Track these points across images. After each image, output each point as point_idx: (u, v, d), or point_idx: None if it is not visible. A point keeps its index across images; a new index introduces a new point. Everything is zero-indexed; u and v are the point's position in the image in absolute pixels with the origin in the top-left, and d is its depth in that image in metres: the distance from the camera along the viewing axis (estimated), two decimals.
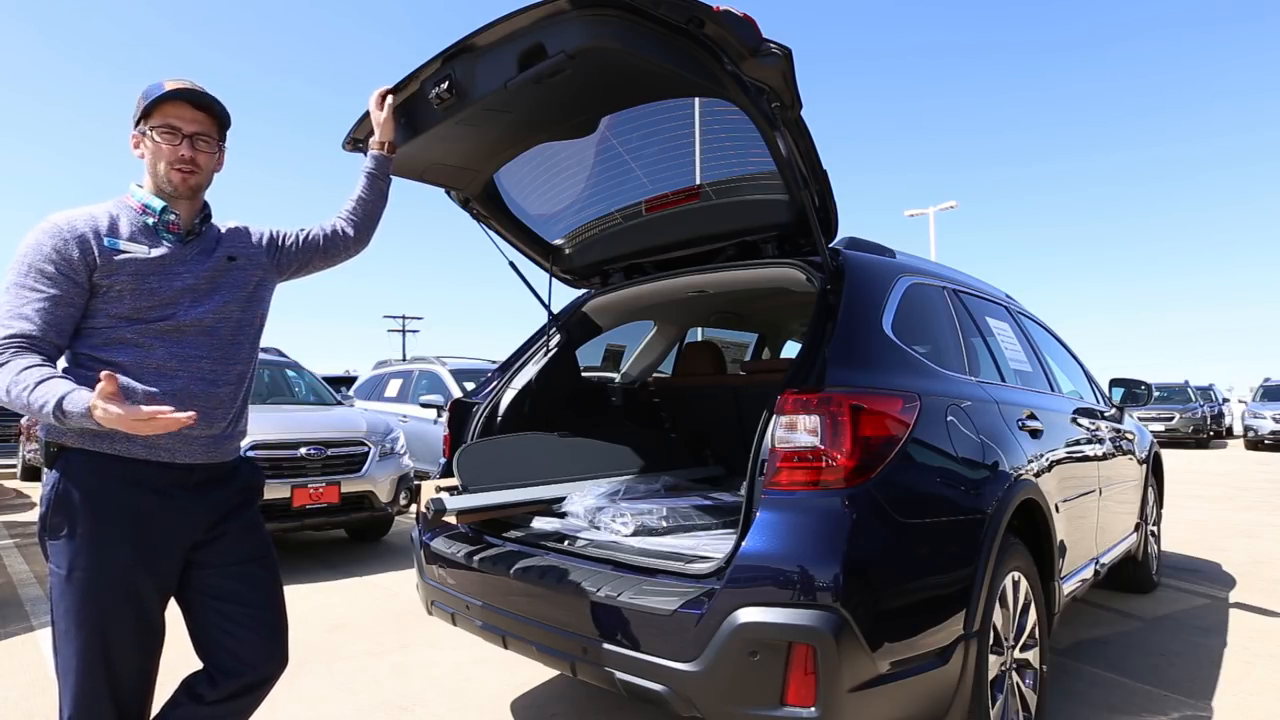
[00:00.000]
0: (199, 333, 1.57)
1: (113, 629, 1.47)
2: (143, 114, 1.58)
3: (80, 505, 1.45)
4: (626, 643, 1.76)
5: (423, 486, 2.53)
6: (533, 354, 3.04)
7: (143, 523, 1.49)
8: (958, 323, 2.58)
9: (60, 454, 1.47)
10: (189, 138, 1.58)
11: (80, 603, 1.45)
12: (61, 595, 1.46)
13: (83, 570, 1.45)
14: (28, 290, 1.44)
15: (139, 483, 1.48)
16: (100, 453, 1.46)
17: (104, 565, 1.46)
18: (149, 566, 1.51)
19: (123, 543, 1.47)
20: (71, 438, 1.46)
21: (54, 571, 1.47)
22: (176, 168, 1.58)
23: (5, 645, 3.45)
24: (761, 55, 1.69)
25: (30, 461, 10.35)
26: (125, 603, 1.48)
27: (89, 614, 1.45)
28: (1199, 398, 19.18)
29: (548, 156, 2.61)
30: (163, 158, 1.58)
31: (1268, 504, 8.05)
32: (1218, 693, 2.85)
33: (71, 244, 1.47)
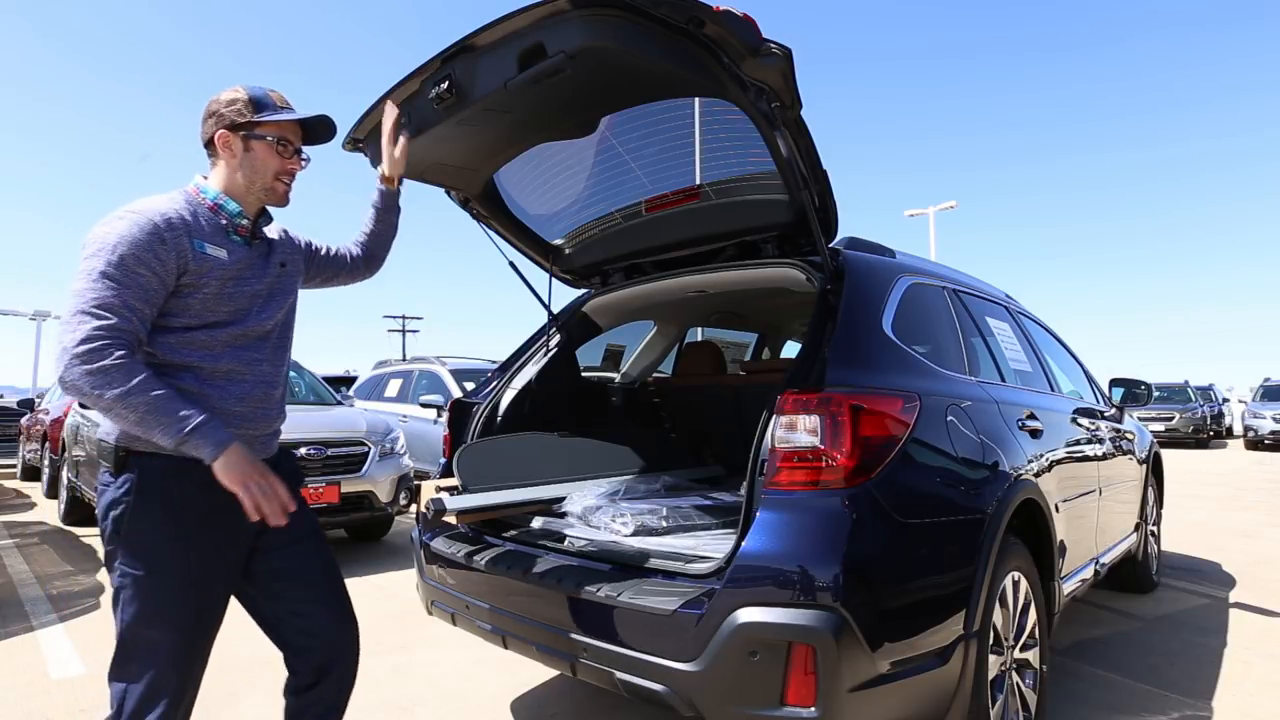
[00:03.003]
0: (259, 337, 1.62)
1: (192, 623, 1.52)
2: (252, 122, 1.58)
3: (159, 507, 1.48)
4: (626, 643, 1.76)
5: (423, 486, 2.53)
6: (533, 354, 3.04)
7: (215, 520, 1.53)
8: (958, 323, 2.58)
9: (129, 458, 1.49)
10: (296, 152, 1.65)
11: (163, 601, 1.48)
12: (137, 595, 1.47)
13: (165, 569, 1.48)
14: (116, 282, 1.39)
15: (209, 483, 1.48)
16: (172, 455, 1.47)
17: (185, 564, 1.50)
18: (223, 561, 1.56)
19: (200, 541, 1.52)
20: (142, 443, 1.47)
21: (127, 572, 1.47)
22: (282, 179, 1.63)
23: (5, 645, 3.45)
24: (761, 55, 1.69)
25: (30, 461, 10.35)
26: (204, 598, 1.54)
27: (171, 611, 1.49)
28: (1199, 398, 19.19)
29: (548, 156, 2.61)
30: (272, 167, 1.61)
31: (1268, 504, 8.05)
32: (1218, 693, 2.85)
33: (167, 240, 1.45)
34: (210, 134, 1.59)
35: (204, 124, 1.61)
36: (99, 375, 1.33)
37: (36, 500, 8.60)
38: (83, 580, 4.72)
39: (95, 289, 1.37)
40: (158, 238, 1.44)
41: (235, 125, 1.58)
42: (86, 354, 1.33)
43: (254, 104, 1.59)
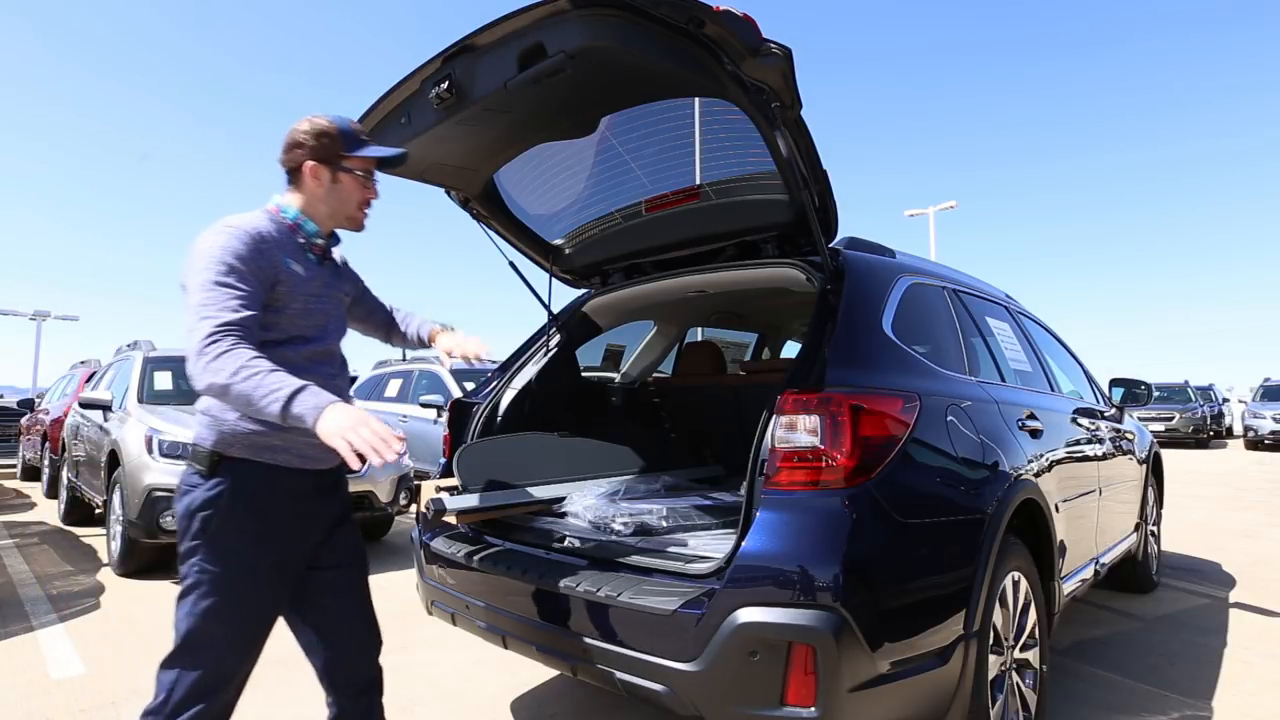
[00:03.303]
0: (331, 354, 1.74)
1: (255, 623, 1.61)
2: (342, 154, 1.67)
3: (247, 511, 1.57)
4: (626, 643, 1.76)
5: (423, 486, 2.53)
6: (533, 354, 3.04)
7: (293, 528, 1.64)
8: (958, 323, 2.58)
9: (221, 462, 1.57)
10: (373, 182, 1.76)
11: (234, 600, 1.56)
12: (212, 592, 1.54)
13: (242, 570, 1.56)
14: (227, 288, 1.48)
15: (291, 490, 1.62)
16: (262, 462, 1.58)
17: (261, 566, 1.59)
18: (291, 567, 1.66)
19: (277, 546, 1.61)
20: (237, 448, 1.57)
21: (206, 569, 1.54)
22: (363, 208, 1.74)
23: (5, 645, 3.45)
24: (761, 55, 1.69)
25: (30, 462, 10.35)
26: (271, 601, 1.64)
27: (240, 610, 1.57)
28: (1199, 398, 19.19)
29: (548, 156, 2.61)
30: (355, 197, 1.72)
31: (1268, 504, 8.05)
32: (1218, 693, 2.85)
33: (263, 252, 1.56)
34: (298, 163, 1.67)
35: (289, 152, 1.68)
36: (217, 361, 1.41)
37: (36, 500, 8.61)
38: (83, 580, 4.72)
39: (210, 297, 1.47)
40: (256, 249, 1.54)
41: (325, 159, 1.66)
42: (205, 348, 1.42)
43: (344, 139, 1.68)
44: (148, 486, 4.53)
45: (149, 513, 4.48)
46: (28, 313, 24.33)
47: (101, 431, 5.61)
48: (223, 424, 1.57)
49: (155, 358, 6.16)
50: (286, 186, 1.70)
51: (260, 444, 1.58)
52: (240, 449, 1.57)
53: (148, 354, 6.16)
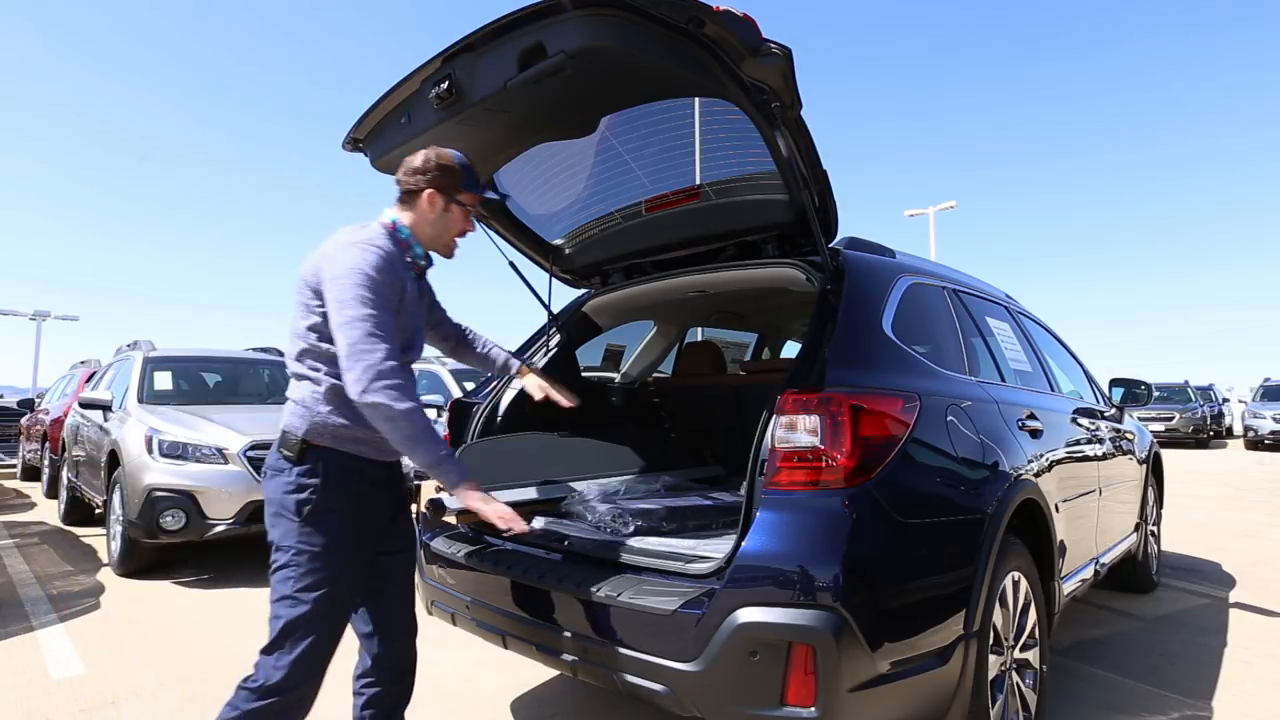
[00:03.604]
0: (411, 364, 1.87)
1: (348, 596, 1.77)
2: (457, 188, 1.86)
3: (336, 495, 1.72)
4: (626, 643, 1.76)
5: (423, 486, 2.52)
6: (532, 354, 3.04)
7: (369, 510, 1.80)
8: (958, 323, 2.58)
9: (309, 449, 1.71)
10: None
11: (327, 579, 1.68)
12: (309, 572, 1.67)
13: (335, 550, 1.70)
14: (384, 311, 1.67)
15: (368, 477, 1.79)
16: (347, 452, 1.74)
17: (352, 541, 1.74)
18: (369, 545, 1.81)
19: (363, 524, 1.78)
20: (325, 438, 1.72)
21: (303, 549, 1.67)
22: (458, 239, 1.94)
23: (5, 645, 3.45)
24: (761, 55, 1.69)
25: (30, 461, 10.35)
26: (360, 575, 1.80)
27: (333, 588, 1.70)
28: (1199, 398, 19.19)
29: (548, 156, 2.61)
30: (457, 228, 1.90)
31: (1268, 504, 8.05)
32: (1218, 693, 2.85)
33: (395, 273, 1.73)
34: (418, 188, 1.84)
35: (412, 175, 1.84)
36: (390, 392, 1.61)
37: (36, 500, 8.60)
38: (83, 580, 4.72)
39: (373, 314, 1.65)
40: (392, 270, 1.72)
41: (443, 189, 1.84)
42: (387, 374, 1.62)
43: (464, 176, 1.88)
44: (148, 486, 4.53)
45: (149, 513, 4.48)
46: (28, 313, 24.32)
47: (101, 431, 5.61)
48: (315, 415, 1.72)
49: (155, 358, 6.16)
50: (397, 203, 1.87)
51: (345, 435, 1.73)
52: (328, 438, 1.72)
53: (148, 354, 6.16)
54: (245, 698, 1.64)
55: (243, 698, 1.64)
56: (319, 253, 1.75)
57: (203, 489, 4.57)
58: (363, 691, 1.94)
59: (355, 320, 1.63)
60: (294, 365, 1.78)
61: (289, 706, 1.66)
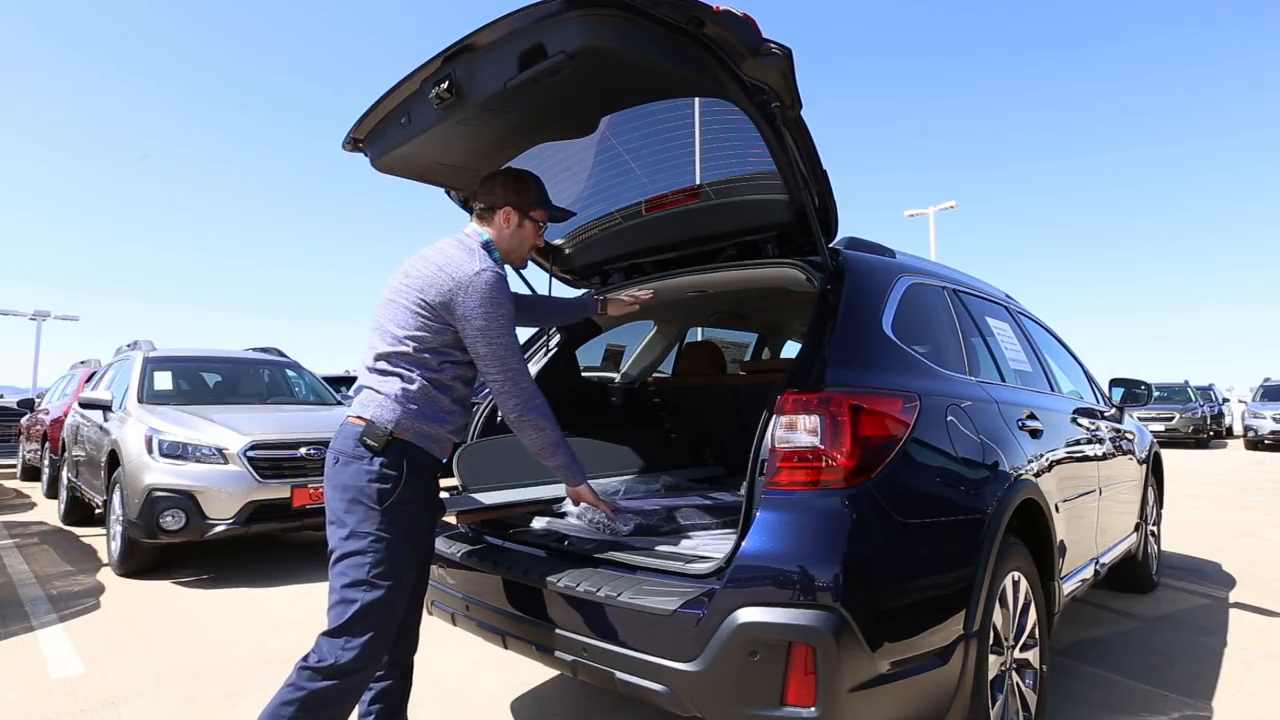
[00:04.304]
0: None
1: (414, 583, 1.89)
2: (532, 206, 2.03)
3: (414, 486, 1.82)
4: (626, 643, 1.76)
5: None
6: (533, 354, 3.04)
7: (433, 501, 1.95)
8: (958, 323, 2.58)
9: (394, 442, 1.81)
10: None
11: (402, 565, 1.79)
12: (385, 558, 1.75)
13: (410, 538, 1.82)
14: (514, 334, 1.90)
15: (434, 471, 1.94)
16: (423, 448, 1.86)
17: (421, 532, 1.88)
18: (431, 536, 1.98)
19: (428, 516, 1.91)
20: (409, 433, 1.83)
21: (382, 536, 1.76)
22: (531, 252, 2.16)
23: (5, 645, 3.45)
24: (761, 55, 1.69)
25: (30, 461, 10.35)
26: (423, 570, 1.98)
27: (405, 574, 1.81)
28: (1199, 398, 19.19)
29: (548, 156, 2.61)
30: (529, 242, 2.08)
31: (1268, 504, 8.05)
32: (1218, 693, 2.85)
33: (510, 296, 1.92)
34: (495, 205, 2.01)
35: (490, 194, 2.02)
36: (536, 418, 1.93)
37: (36, 500, 8.61)
38: (83, 580, 4.72)
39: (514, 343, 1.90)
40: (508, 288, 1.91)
41: (518, 206, 2.01)
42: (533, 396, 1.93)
43: (538, 195, 2.06)
44: (148, 486, 4.53)
45: (149, 513, 4.48)
46: (28, 313, 24.33)
47: (101, 431, 5.61)
48: (405, 411, 1.82)
49: (155, 358, 6.16)
50: (476, 219, 2.03)
51: (425, 432, 1.85)
52: (411, 434, 1.83)
53: (148, 354, 6.16)
54: (309, 676, 1.67)
55: (306, 677, 1.67)
56: (429, 264, 1.87)
57: (203, 489, 4.57)
58: (372, 685, 1.97)
59: (504, 350, 1.85)
60: (380, 363, 1.87)
61: (352, 688, 1.72)
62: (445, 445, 1.93)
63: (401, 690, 2.03)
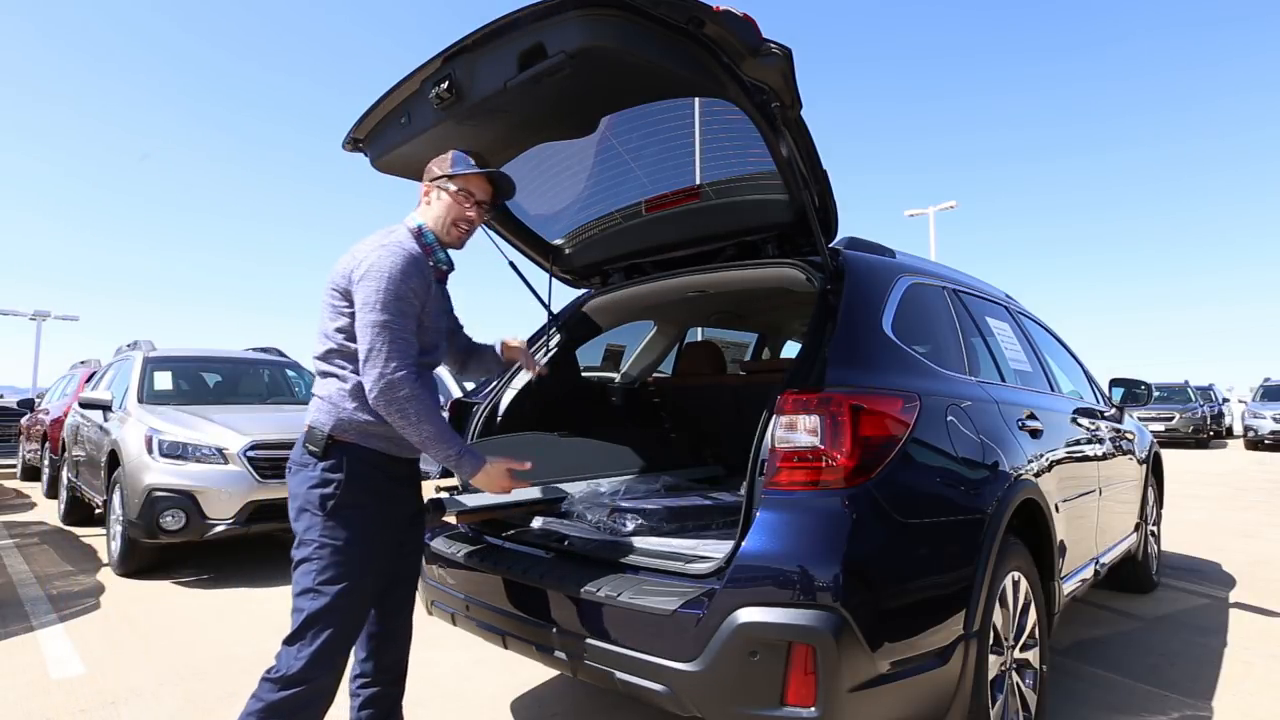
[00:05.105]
0: (433, 367, 1.91)
1: (370, 590, 1.79)
2: (447, 175, 1.90)
3: (360, 489, 1.76)
4: (626, 643, 1.76)
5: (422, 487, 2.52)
6: (533, 354, 3.04)
7: (392, 506, 1.84)
8: (958, 323, 2.58)
9: (334, 445, 1.76)
10: (477, 203, 1.92)
11: (351, 571, 1.72)
12: (332, 565, 1.70)
13: (359, 543, 1.74)
14: (404, 317, 1.72)
15: (390, 472, 1.83)
16: (370, 448, 1.79)
17: (374, 535, 1.78)
18: (392, 543, 1.85)
19: (385, 518, 1.81)
20: (352, 434, 1.76)
21: (326, 543, 1.71)
22: (460, 224, 1.91)
23: (5, 645, 3.45)
24: (761, 55, 1.69)
25: (30, 462, 10.35)
26: (382, 570, 1.82)
27: (356, 581, 1.73)
28: (1199, 398, 19.18)
29: (548, 156, 2.61)
30: (453, 213, 1.90)
31: (1268, 504, 8.05)
32: (1218, 693, 2.85)
33: (424, 277, 1.79)
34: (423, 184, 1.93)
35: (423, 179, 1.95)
36: (403, 404, 1.69)
37: (36, 500, 8.60)
38: (83, 580, 4.72)
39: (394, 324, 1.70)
40: (420, 273, 1.76)
41: (435, 178, 1.91)
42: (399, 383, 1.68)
43: (454, 162, 1.91)
44: (148, 486, 4.53)
45: (149, 513, 4.48)
46: (28, 313, 24.33)
47: (101, 431, 5.61)
48: (342, 411, 1.76)
49: (155, 358, 6.16)
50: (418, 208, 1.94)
51: (370, 431, 1.77)
52: (353, 434, 1.76)
53: (148, 354, 6.16)
54: (268, 689, 1.67)
55: (266, 689, 1.67)
56: (349, 255, 1.79)
57: (203, 489, 4.57)
58: (360, 692, 1.95)
59: (376, 325, 1.69)
60: (320, 364, 1.82)
61: (311, 698, 1.68)
62: (403, 444, 1.82)
63: (392, 696, 1.99)
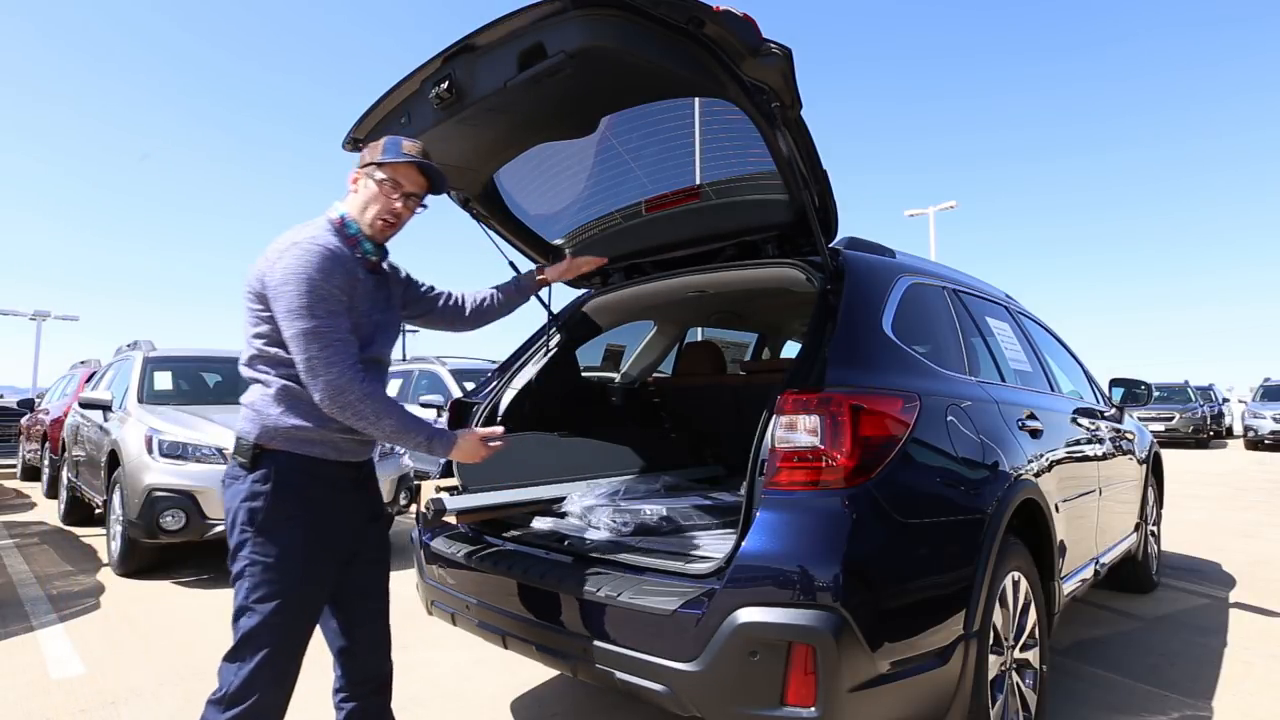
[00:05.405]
0: (375, 362, 1.80)
1: (306, 607, 1.68)
2: (375, 163, 1.76)
3: (292, 500, 1.65)
4: (626, 643, 1.76)
5: (423, 486, 2.53)
6: (533, 354, 3.04)
7: (333, 513, 1.72)
8: (958, 323, 2.58)
9: (263, 455, 1.65)
10: (405, 195, 1.78)
11: (286, 586, 1.62)
12: (265, 580, 1.61)
13: (293, 557, 1.63)
14: (332, 314, 1.61)
15: (330, 480, 1.71)
16: (303, 455, 1.67)
17: (309, 552, 1.66)
18: (336, 552, 1.74)
19: (322, 531, 1.69)
20: (279, 441, 1.65)
21: (258, 559, 1.61)
22: (383, 218, 1.77)
23: (5, 645, 3.45)
24: (761, 55, 1.69)
25: (30, 461, 10.34)
26: (323, 582, 1.71)
27: (293, 596, 1.63)
28: (1199, 398, 19.18)
29: (548, 156, 2.61)
30: (378, 204, 1.76)
31: (1268, 504, 8.05)
32: (1218, 693, 2.85)
33: (346, 272, 1.67)
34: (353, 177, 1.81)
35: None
36: (357, 406, 1.60)
37: (36, 500, 8.60)
38: (83, 580, 4.72)
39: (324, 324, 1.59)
40: (342, 270, 1.65)
41: (362, 165, 1.79)
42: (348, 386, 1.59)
43: (385, 149, 1.77)
44: (148, 486, 4.53)
45: (149, 513, 4.48)
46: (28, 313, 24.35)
47: (101, 431, 5.61)
48: (266, 418, 1.65)
49: (155, 358, 6.16)
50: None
51: (300, 437, 1.66)
52: (281, 441, 1.65)
53: (148, 354, 6.16)
54: (213, 711, 1.61)
55: (211, 712, 1.61)
56: (263, 256, 1.66)
57: (203, 489, 4.56)
58: (342, 706, 1.88)
59: (307, 333, 1.57)
60: (246, 370, 1.72)
61: (256, 716, 1.61)
62: (342, 447, 1.72)
63: (375, 706, 1.90)
